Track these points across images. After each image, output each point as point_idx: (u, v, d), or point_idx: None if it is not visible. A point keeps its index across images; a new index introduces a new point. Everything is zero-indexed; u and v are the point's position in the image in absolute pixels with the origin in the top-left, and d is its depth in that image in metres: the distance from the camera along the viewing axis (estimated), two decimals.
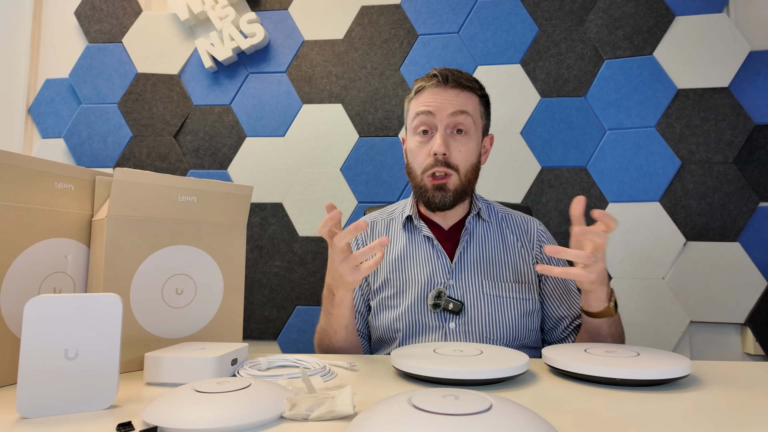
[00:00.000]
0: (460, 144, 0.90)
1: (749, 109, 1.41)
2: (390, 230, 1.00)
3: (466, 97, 0.91)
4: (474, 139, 0.92)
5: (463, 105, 0.90)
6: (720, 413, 0.47)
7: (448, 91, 0.90)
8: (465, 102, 0.91)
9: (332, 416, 0.45)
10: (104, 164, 1.61)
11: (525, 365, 0.59)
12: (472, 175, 0.93)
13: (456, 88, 0.91)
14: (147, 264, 0.71)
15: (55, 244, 0.68)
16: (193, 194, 0.75)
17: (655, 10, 1.49)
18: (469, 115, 0.90)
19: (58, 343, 0.48)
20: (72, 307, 0.49)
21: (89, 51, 1.66)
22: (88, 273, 0.72)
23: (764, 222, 1.38)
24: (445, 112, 0.89)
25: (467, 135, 0.91)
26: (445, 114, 0.89)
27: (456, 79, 0.91)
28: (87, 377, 0.49)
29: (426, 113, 0.90)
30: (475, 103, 0.93)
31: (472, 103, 0.92)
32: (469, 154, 0.91)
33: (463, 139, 0.91)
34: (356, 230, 0.67)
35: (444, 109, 0.89)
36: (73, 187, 0.71)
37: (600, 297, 0.75)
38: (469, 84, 0.92)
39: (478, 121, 0.93)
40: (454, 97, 0.90)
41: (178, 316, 0.73)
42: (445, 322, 0.88)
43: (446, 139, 0.89)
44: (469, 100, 0.91)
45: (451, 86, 0.91)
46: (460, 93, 0.91)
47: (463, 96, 0.91)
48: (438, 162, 0.89)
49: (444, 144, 0.88)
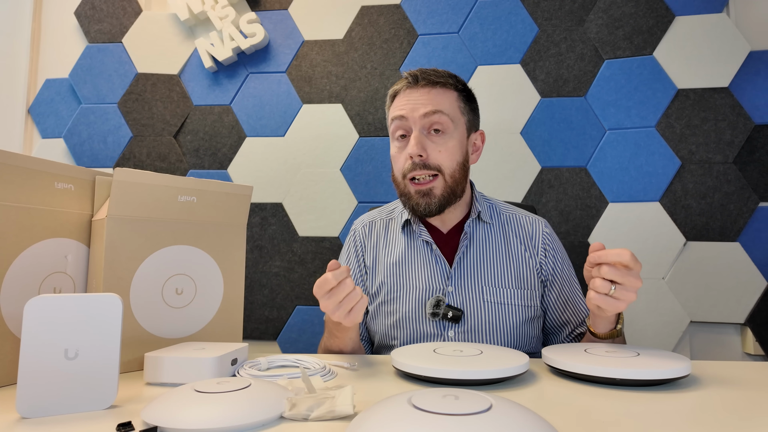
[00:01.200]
0: (438, 144, 0.86)
1: (749, 109, 1.41)
2: (388, 231, 0.98)
3: (439, 93, 0.88)
4: (455, 136, 0.88)
5: (436, 104, 0.87)
6: (720, 413, 0.47)
7: (419, 90, 0.88)
8: (438, 100, 0.87)
9: (332, 416, 0.45)
10: (104, 164, 1.61)
11: (525, 365, 0.59)
12: (460, 175, 0.89)
13: (427, 86, 0.88)
14: (147, 264, 0.71)
15: (55, 244, 0.68)
16: (193, 194, 0.75)
17: (655, 10, 1.49)
18: (443, 113, 0.87)
19: (58, 343, 0.48)
20: (72, 307, 0.49)
21: (89, 51, 1.66)
22: (88, 273, 0.72)
23: (764, 222, 1.38)
24: (417, 113, 0.86)
25: (445, 133, 0.87)
26: (418, 115, 0.86)
27: (426, 77, 0.88)
28: (87, 377, 0.49)
29: (399, 117, 0.88)
30: (452, 99, 0.89)
31: (447, 99, 0.88)
32: (451, 153, 0.87)
33: (441, 139, 0.87)
34: (339, 275, 0.67)
35: (415, 110, 0.86)
36: (73, 187, 0.70)
37: (610, 320, 0.74)
38: (441, 80, 0.88)
39: (457, 117, 0.89)
40: (426, 96, 0.87)
41: (178, 316, 0.73)
42: (443, 329, 0.86)
43: (421, 140, 0.85)
44: (443, 97, 0.88)
45: (422, 85, 0.88)
46: (431, 90, 0.88)
47: (435, 93, 0.87)
48: (416, 165, 0.86)
49: (418, 145, 0.85)
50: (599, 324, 0.75)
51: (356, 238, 1.00)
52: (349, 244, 1.01)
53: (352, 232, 1.02)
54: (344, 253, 1.02)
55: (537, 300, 0.89)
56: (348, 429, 0.38)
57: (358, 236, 1.00)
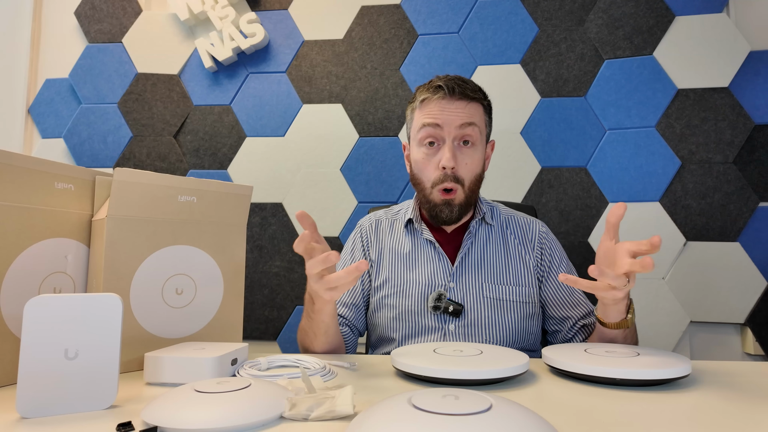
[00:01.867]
0: (467, 156, 0.89)
1: (749, 109, 1.41)
2: (393, 230, 1.00)
3: (473, 108, 0.90)
4: (480, 150, 0.91)
5: (470, 117, 0.89)
6: (720, 413, 0.47)
7: (455, 102, 0.89)
8: (472, 113, 0.89)
9: (332, 416, 0.45)
10: (104, 164, 1.61)
11: (525, 365, 0.59)
12: (476, 186, 0.92)
13: (463, 99, 0.89)
14: (147, 264, 0.71)
15: (55, 244, 0.68)
16: (193, 194, 0.75)
17: (655, 10, 1.49)
18: (476, 126, 0.89)
19: (58, 343, 0.48)
20: (72, 307, 0.49)
21: (89, 51, 1.66)
22: (88, 273, 0.72)
23: (764, 222, 1.38)
24: (453, 124, 0.88)
25: (474, 146, 0.90)
26: (453, 126, 0.88)
27: (462, 90, 0.89)
28: (87, 377, 0.49)
29: (433, 125, 0.89)
30: (481, 113, 0.92)
31: (479, 113, 0.91)
32: (475, 166, 0.91)
33: (470, 151, 0.90)
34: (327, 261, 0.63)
35: (452, 121, 0.88)
36: (73, 187, 0.70)
37: (620, 309, 0.73)
38: (475, 95, 0.91)
39: (483, 130, 0.92)
40: (461, 109, 0.89)
41: (178, 316, 0.73)
42: (444, 323, 0.89)
43: (454, 153, 0.88)
44: (476, 111, 0.90)
45: (458, 98, 0.89)
46: (468, 105, 0.89)
47: (470, 107, 0.90)
48: (447, 176, 0.88)
49: (453, 158, 0.87)
50: (610, 313, 0.74)
51: (362, 233, 1.02)
52: (354, 237, 1.03)
53: (358, 227, 1.04)
54: (348, 246, 1.03)
55: (535, 297, 0.92)
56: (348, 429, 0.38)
57: (365, 231, 1.02)
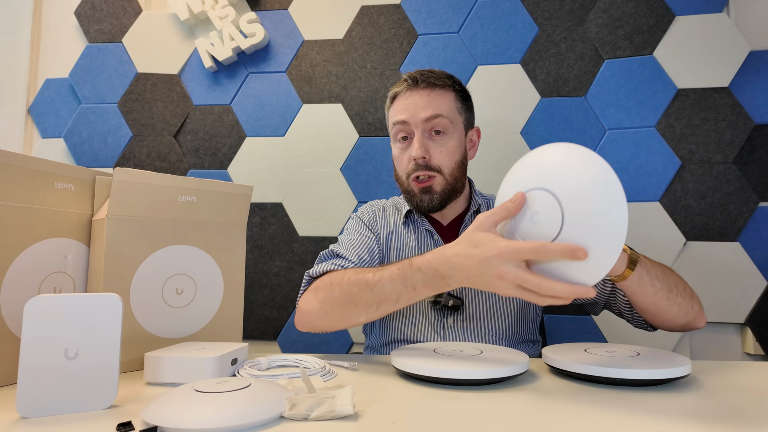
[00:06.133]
0: (440, 144, 0.91)
1: (749, 109, 1.41)
2: (395, 220, 1.01)
3: (438, 95, 0.91)
4: (454, 136, 0.92)
5: (436, 108, 0.90)
6: (720, 413, 0.47)
7: (419, 92, 0.91)
8: (438, 103, 0.91)
9: (332, 416, 0.45)
10: (104, 164, 1.61)
11: (525, 365, 0.59)
12: (459, 172, 0.93)
13: (426, 88, 0.91)
14: (147, 264, 0.71)
15: (55, 244, 0.68)
16: (193, 194, 0.75)
17: (655, 10, 1.49)
18: (444, 116, 0.90)
19: (58, 343, 0.48)
20: (72, 307, 0.49)
21: (89, 51, 1.66)
22: (88, 273, 0.72)
23: (764, 222, 1.38)
24: (418, 117, 0.90)
25: (446, 134, 0.91)
26: (419, 120, 0.90)
27: (425, 79, 0.91)
28: (87, 377, 0.49)
29: (401, 122, 0.92)
30: (450, 100, 0.93)
31: (446, 101, 0.92)
32: (451, 153, 0.91)
33: (442, 139, 0.91)
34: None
35: (417, 115, 0.90)
36: (73, 186, 0.70)
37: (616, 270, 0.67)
38: (440, 81, 0.92)
39: (455, 117, 0.93)
40: (425, 98, 0.90)
41: (178, 316, 0.73)
42: (443, 317, 0.89)
43: (424, 143, 0.90)
44: (442, 98, 0.91)
45: (422, 87, 0.91)
46: (431, 92, 0.91)
47: (435, 95, 0.91)
48: (419, 166, 0.90)
49: (422, 148, 0.89)
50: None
51: (363, 216, 1.02)
52: (356, 220, 1.02)
53: (359, 212, 1.04)
54: (352, 226, 1.01)
55: None
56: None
57: (365, 213, 1.02)
